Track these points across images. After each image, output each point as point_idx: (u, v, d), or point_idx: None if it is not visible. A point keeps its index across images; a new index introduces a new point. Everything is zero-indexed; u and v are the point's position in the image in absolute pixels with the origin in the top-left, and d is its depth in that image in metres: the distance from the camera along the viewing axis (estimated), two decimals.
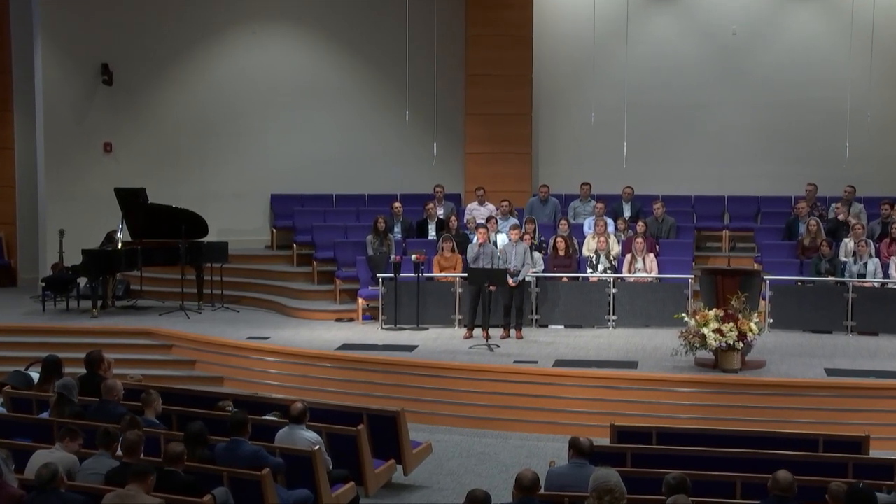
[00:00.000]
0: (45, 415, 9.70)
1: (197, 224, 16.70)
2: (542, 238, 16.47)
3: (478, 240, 14.90)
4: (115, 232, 16.71)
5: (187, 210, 16.74)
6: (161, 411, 9.51)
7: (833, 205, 17.11)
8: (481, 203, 17.72)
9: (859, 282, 14.83)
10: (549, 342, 14.35)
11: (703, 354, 12.67)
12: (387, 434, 10.04)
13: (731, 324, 12.25)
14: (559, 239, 15.86)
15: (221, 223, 18.46)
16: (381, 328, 15.30)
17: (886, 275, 15.01)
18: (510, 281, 14.51)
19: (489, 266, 14.55)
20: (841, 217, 16.52)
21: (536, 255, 15.53)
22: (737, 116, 18.92)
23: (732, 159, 18.90)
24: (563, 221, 16.36)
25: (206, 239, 16.96)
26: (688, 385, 12.30)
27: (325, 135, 19.23)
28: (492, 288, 14.33)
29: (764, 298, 14.58)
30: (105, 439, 8.16)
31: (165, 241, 16.62)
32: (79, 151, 18.63)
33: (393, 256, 15.67)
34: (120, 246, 16.50)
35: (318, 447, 8.79)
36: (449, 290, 15.45)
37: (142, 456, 8.04)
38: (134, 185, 16.93)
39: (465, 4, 18.80)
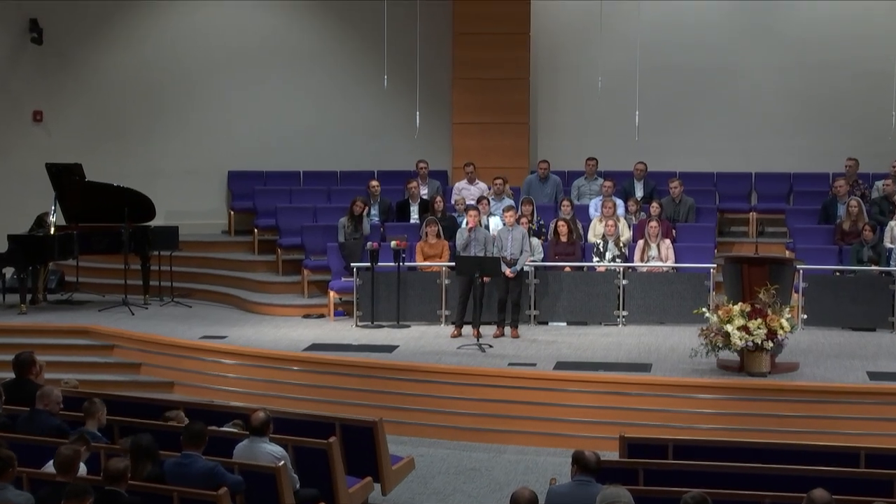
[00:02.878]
0: None
1: (142, 205, 16.64)
2: (542, 222, 16.48)
3: (467, 224, 14.90)
4: (46, 214, 16.65)
5: (131, 189, 16.68)
6: (105, 423, 9.49)
7: (877, 183, 17.16)
8: (471, 181, 17.71)
9: None
10: (549, 342, 14.37)
11: (727, 356, 12.70)
12: (362, 447, 10.04)
13: (759, 320, 12.27)
14: (561, 223, 15.87)
15: (171, 204, 18.40)
16: (356, 326, 15.29)
17: None
18: (506, 271, 14.51)
19: (482, 254, 14.55)
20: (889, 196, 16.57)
21: (535, 241, 15.53)
22: (766, 81, 18.93)
23: (761, 131, 18.93)
24: (565, 202, 16.36)
25: (152, 223, 16.91)
26: (709, 391, 12.33)
27: (291, 103, 19.18)
28: (485, 279, 14.34)
29: (797, 291, 14.61)
30: None
31: (105, 226, 16.56)
32: (3, 121, 18.54)
33: (369, 243, 15.66)
34: (52, 231, 16.44)
35: (282, 463, 8.78)
36: (434, 281, 15.44)
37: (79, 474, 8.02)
38: (69, 161, 16.85)
39: None
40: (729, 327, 12.28)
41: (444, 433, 12.55)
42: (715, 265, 15.19)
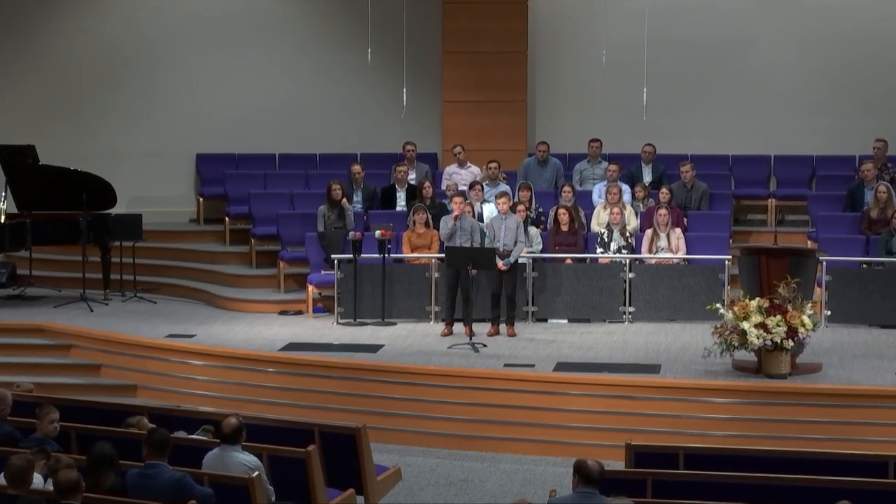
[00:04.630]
0: None
1: (102, 191, 16.62)
2: (541, 209, 16.48)
3: (453, 211, 14.86)
4: None
5: (89, 174, 16.65)
6: (58, 429, 9.47)
7: None
8: (462, 165, 17.71)
9: None
10: (548, 340, 14.39)
11: (743, 356, 12.72)
12: (344, 456, 10.04)
13: (779, 317, 12.28)
14: (561, 210, 15.87)
15: (133, 190, 18.40)
16: (337, 323, 15.30)
17: None
18: (500, 263, 14.51)
19: (468, 244, 14.54)
20: None
21: (533, 230, 15.53)
22: (787, 54, 18.93)
23: (781, 109, 18.92)
24: (566, 188, 16.37)
25: (113, 210, 16.89)
26: (723, 394, 12.35)
27: (266, 79, 19.17)
28: (473, 271, 14.34)
29: (820, 285, 14.63)
30: None
31: (61, 214, 16.54)
32: None
33: (352, 233, 15.66)
34: (3, 219, 16.41)
35: (256, 473, 8.78)
36: (422, 274, 15.44)
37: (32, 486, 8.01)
38: (20, 142, 16.83)
39: None
40: (745, 325, 12.29)
41: (434, 441, 12.56)
42: (730, 257, 15.21)
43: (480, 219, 15.75)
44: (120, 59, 18.97)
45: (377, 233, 15.29)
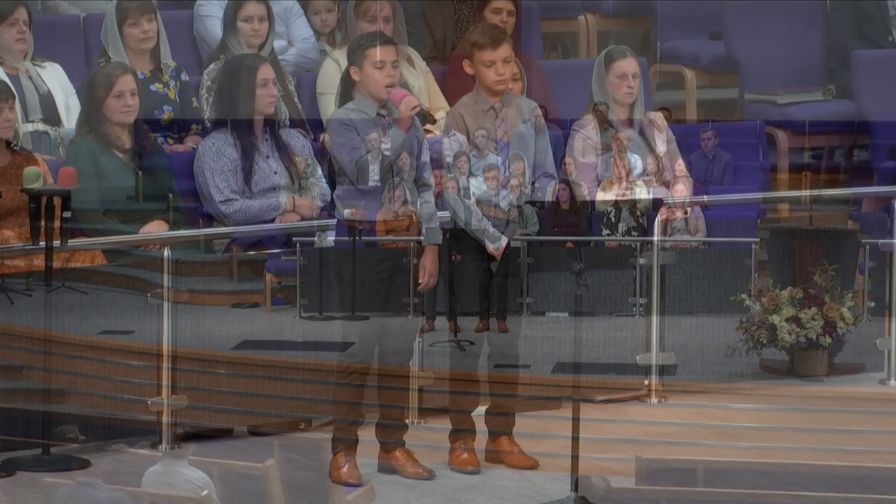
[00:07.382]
0: None
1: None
2: (537, 185, 16.51)
3: (434, 187, 14.89)
4: None
5: (7, 141, 16.67)
6: None
7: None
8: (446, 132, 17.73)
9: None
10: (546, 337, 14.46)
11: (773, 355, 12.77)
12: (308, 472, 10.07)
13: (814, 309, 12.34)
14: (561, 186, 15.91)
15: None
16: (300, 317, 15.32)
17: None
18: (489, 248, 14.54)
19: (453, 226, 14.58)
20: None
21: (528, 209, 15.57)
22: None
23: None
24: (567, 160, 16.40)
25: (36, 185, 16.87)
26: (749, 399, 12.42)
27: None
28: (457, 257, 14.38)
29: (862, 272, 14.69)
30: None
31: None
32: None
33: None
34: None
35: (205, 492, 8.81)
36: (400, 261, 15.47)
37: None
38: None
39: None
40: (775, 318, 12.36)
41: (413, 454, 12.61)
42: (758, 240, 15.26)
43: (466, 195, 15.77)
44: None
45: (346, 212, 15.31)
